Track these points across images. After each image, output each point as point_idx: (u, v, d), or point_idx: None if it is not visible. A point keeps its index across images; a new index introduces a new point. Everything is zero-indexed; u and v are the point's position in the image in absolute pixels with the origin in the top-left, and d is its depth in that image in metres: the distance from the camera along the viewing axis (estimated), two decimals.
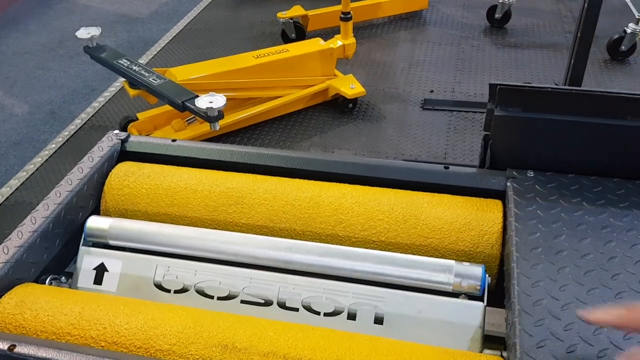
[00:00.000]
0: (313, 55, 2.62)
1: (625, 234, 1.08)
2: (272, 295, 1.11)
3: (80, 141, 2.65)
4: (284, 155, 1.34)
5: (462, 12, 3.56)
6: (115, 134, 1.40)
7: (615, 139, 1.18)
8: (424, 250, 1.16)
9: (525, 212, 1.13)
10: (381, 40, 3.31)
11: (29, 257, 1.11)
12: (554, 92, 1.17)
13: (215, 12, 3.76)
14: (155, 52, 3.36)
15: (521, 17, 3.41)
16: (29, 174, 2.47)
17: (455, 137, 2.50)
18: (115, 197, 1.28)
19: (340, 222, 1.19)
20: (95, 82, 3.13)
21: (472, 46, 3.20)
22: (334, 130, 2.60)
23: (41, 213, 1.17)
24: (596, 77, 2.86)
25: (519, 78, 2.88)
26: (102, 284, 1.17)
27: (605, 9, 3.33)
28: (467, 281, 1.07)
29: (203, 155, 1.35)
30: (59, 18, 3.87)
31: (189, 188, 1.26)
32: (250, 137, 2.58)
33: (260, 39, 3.38)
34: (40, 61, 3.38)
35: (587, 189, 1.18)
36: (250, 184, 1.26)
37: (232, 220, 1.23)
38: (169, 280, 1.14)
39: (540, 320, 0.93)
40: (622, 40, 2.93)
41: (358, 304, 1.08)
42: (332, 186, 1.25)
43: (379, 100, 2.78)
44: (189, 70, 2.48)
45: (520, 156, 1.24)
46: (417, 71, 3.01)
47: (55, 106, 2.95)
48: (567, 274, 1.01)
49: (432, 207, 1.19)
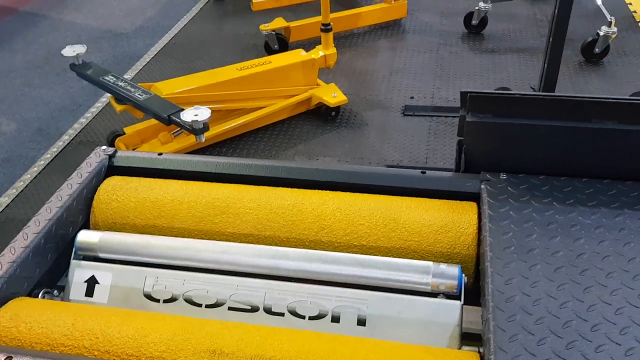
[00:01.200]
0: (295, 66, 2.68)
1: (594, 232, 1.13)
2: (258, 301, 1.15)
3: (68, 157, 2.68)
4: (267, 165, 1.38)
5: (440, 20, 3.63)
6: (103, 149, 1.44)
7: (581, 140, 1.23)
8: (403, 252, 1.21)
9: (499, 213, 1.18)
10: (362, 49, 3.37)
11: (22, 272, 1.14)
12: (522, 97, 1.23)
13: (199, 26, 3.81)
14: (140, 66, 3.40)
15: (497, 23, 3.49)
16: (18, 190, 2.49)
17: (435, 142, 2.56)
18: (104, 211, 1.32)
19: (322, 228, 1.24)
20: (82, 98, 3.16)
21: (451, 53, 3.27)
22: (317, 138, 2.65)
23: (32, 229, 1.20)
24: (571, 79, 2.93)
25: (496, 82, 2.94)
26: (93, 296, 1.20)
27: (579, 12, 3.43)
28: (445, 281, 1.12)
29: (189, 167, 1.40)
30: (45, 35, 3.90)
31: (176, 200, 1.30)
32: (237, 148, 2.62)
33: (244, 51, 3.43)
34: (27, 79, 3.40)
35: (557, 189, 1.24)
36: (235, 193, 1.30)
37: (218, 229, 1.27)
38: (158, 290, 1.18)
39: (513, 315, 0.98)
40: (596, 43, 3.00)
41: (341, 306, 1.13)
42: (314, 193, 1.30)
43: (361, 108, 2.84)
44: (174, 84, 2.52)
45: (493, 160, 1.30)
46: (397, 78, 3.07)
47: (43, 123, 2.98)
48: (538, 271, 1.06)
49: (410, 211, 1.24)
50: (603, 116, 1.22)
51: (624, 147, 1.22)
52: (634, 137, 1.20)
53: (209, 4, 4.10)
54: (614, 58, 3.08)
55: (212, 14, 3.97)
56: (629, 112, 1.20)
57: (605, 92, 2.82)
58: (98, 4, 4.30)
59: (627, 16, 3.48)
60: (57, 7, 4.31)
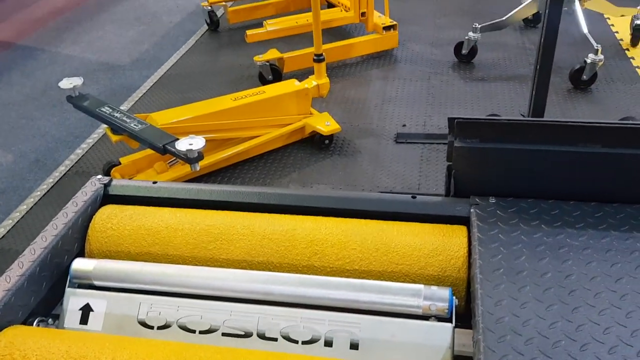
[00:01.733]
0: (289, 95, 2.72)
1: (581, 253, 1.16)
2: (251, 327, 1.16)
3: (64, 187, 2.70)
4: (260, 192, 1.40)
5: (431, 49, 3.70)
6: (98, 178, 1.46)
7: (567, 164, 1.26)
8: (395, 276, 1.22)
9: (488, 236, 1.20)
10: (355, 78, 3.43)
11: (17, 301, 1.15)
12: (507, 123, 1.26)
13: (195, 58, 3.87)
14: (137, 97, 3.44)
15: (487, 52, 3.56)
16: (14, 221, 2.50)
17: (427, 168, 2.59)
18: (99, 239, 1.33)
19: (315, 253, 1.26)
20: (79, 130, 3.20)
21: (442, 81, 3.33)
22: (311, 166, 2.68)
23: (28, 257, 1.22)
24: (560, 106, 2.99)
25: (487, 110, 2.99)
26: (87, 323, 1.21)
27: (567, 40, 3.51)
28: (436, 304, 1.13)
29: (183, 195, 1.42)
30: (42, 68, 3.96)
31: (170, 227, 1.32)
32: (231, 176, 2.65)
33: (239, 82, 3.49)
34: (24, 111, 3.44)
35: (545, 212, 1.26)
36: (229, 220, 1.32)
37: (212, 256, 1.28)
38: (152, 317, 1.19)
39: (502, 337, 0.99)
40: (584, 70, 3.06)
41: (334, 331, 1.14)
42: (306, 219, 1.32)
43: (354, 136, 2.87)
44: (170, 114, 2.55)
45: (482, 184, 1.32)
46: (389, 107, 3.12)
47: (40, 154, 3.00)
48: (527, 292, 1.07)
49: (401, 235, 1.26)
50: (587, 140, 1.25)
51: (610, 170, 1.25)
52: (618, 160, 1.23)
53: (205, 37, 4.18)
54: (602, 85, 3.14)
55: (207, 45, 4.04)
56: (612, 135, 1.23)
57: (593, 118, 2.87)
58: (95, 38, 4.38)
59: (614, 44, 3.56)
60: (55, 40, 4.38)
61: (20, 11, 5.04)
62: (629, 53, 3.46)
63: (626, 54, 3.45)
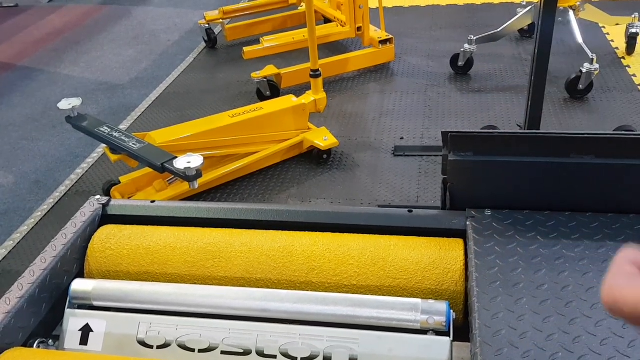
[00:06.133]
0: (286, 111, 2.74)
1: (578, 264, 1.16)
2: (250, 344, 1.16)
3: (65, 207, 2.71)
4: (257, 208, 1.41)
5: (427, 62, 3.73)
6: (97, 199, 1.47)
7: (561, 175, 1.27)
8: (393, 290, 1.23)
9: (484, 249, 1.21)
10: (352, 92, 3.45)
11: (17, 323, 1.16)
12: (500, 136, 1.27)
13: (192, 75, 3.90)
14: (136, 116, 3.47)
15: (483, 64, 3.58)
16: (15, 242, 2.51)
17: (426, 181, 2.60)
18: (98, 259, 1.34)
19: (313, 269, 1.26)
20: (79, 149, 3.22)
21: (439, 93, 3.35)
22: (310, 180, 2.69)
23: (27, 279, 1.22)
24: (557, 116, 3.00)
25: (484, 121, 3.00)
26: (87, 344, 1.21)
27: (562, 50, 3.54)
28: (433, 317, 1.13)
29: (181, 213, 1.43)
30: (42, 89, 3.99)
31: (169, 246, 1.33)
32: (230, 193, 2.66)
33: (237, 98, 3.51)
34: (25, 132, 3.47)
35: (541, 224, 1.27)
36: (227, 238, 1.33)
37: (210, 274, 1.29)
38: (152, 336, 1.19)
39: (500, 350, 0.99)
40: (580, 80, 3.08)
41: (333, 346, 1.14)
42: (304, 235, 1.33)
43: (352, 150, 2.89)
44: (168, 133, 2.57)
45: (477, 196, 1.33)
46: (387, 120, 3.14)
47: (40, 175, 3.02)
48: (524, 304, 1.08)
49: (398, 250, 1.26)
50: (581, 151, 1.26)
51: (604, 180, 1.25)
52: (611, 171, 1.24)
53: (203, 54, 4.21)
54: (598, 94, 3.15)
55: (205, 63, 4.07)
56: (605, 146, 1.24)
57: (590, 127, 2.88)
58: (94, 58, 4.42)
59: (610, 52, 3.58)
60: (55, 61, 4.42)
61: (20, 32, 5.10)
62: (624, 62, 3.48)
63: (622, 62, 3.47)
